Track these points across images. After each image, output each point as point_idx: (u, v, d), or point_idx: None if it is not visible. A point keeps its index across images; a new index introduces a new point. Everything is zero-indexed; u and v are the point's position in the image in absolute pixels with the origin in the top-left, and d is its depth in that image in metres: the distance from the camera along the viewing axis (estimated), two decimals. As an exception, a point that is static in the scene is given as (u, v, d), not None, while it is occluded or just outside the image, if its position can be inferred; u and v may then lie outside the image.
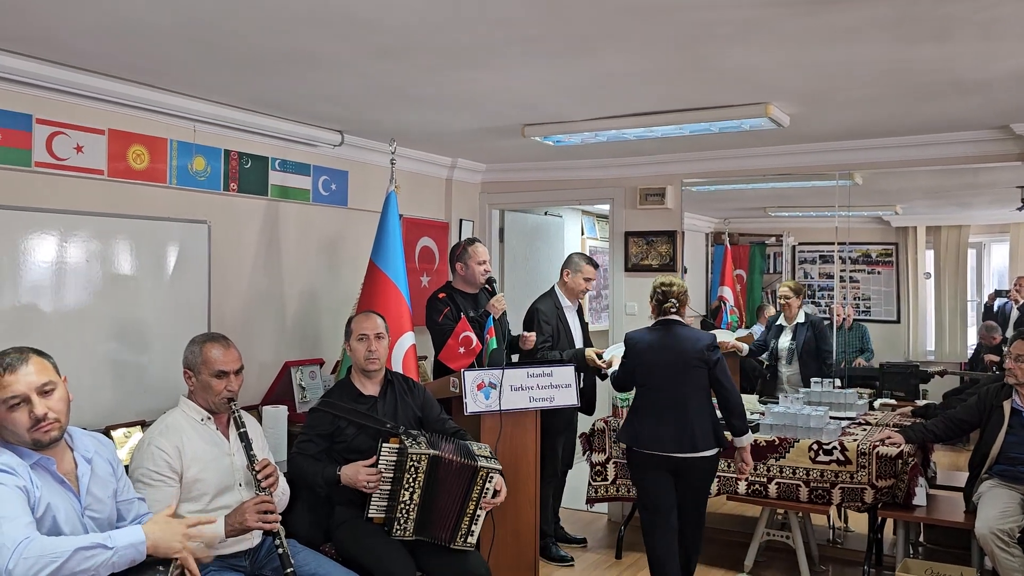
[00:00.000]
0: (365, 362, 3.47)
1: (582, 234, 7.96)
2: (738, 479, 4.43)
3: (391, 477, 3.21)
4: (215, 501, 2.88)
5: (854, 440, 4.34)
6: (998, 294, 5.71)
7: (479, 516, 3.30)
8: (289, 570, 2.70)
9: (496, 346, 4.25)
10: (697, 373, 3.82)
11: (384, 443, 3.24)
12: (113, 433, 3.55)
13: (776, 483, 4.43)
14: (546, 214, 7.04)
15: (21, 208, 3.48)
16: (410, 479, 3.20)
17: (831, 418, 4.65)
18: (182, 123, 4.10)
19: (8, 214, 3.43)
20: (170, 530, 2.14)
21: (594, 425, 4.98)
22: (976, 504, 3.96)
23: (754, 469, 4.45)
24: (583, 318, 5.12)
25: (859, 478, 4.25)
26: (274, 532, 2.75)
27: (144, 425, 3.63)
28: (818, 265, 6.07)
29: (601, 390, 5.14)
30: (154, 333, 3.99)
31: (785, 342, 5.63)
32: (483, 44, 3.14)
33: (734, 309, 6.33)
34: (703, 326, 5.97)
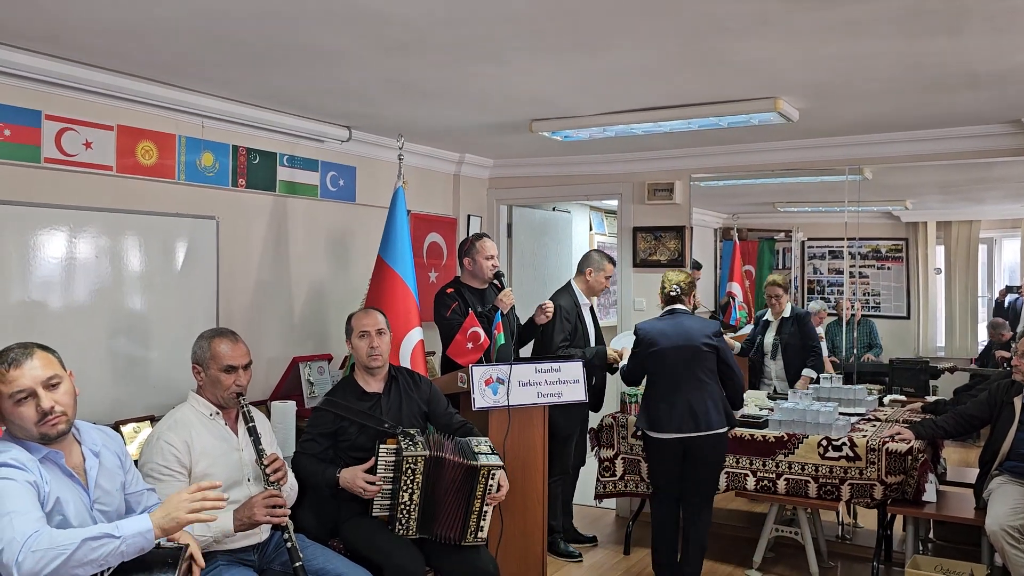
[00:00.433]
0: (368, 359, 3.47)
1: (590, 230, 7.94)
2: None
3: (390, 477, 3.22)
4: (224, 496, 2.88)
5: (863, 436, 4.33)
6: (1009, 290, 5.67)
7: (486, 512, 3.30)
8: (298, 563, 2.71)
9: (504, 341, 4.24)
10: (706, 357, 4.08)
11: (381, 444, 3.24)
12: (122, 428, 3.56)
13: (785, 479, 4.41)
14: (554, 209, 7.03)
15: (30, 204, 3.49)
16: (408, 480, 3.20)
17: (840, 414, 4.63)
18: (190, 119, 4.11)
19: (18, 210, 3.44)
20: (173, 504, 2.13)
21: (602, 421, 4.98)
22: (986, 500, 3.95)
23: (763, 465, 4.45)
24: (595, 315, 5.12)
25: (868, 474, 4.24)
26: (283, 526, 2.76)
27: (153, 420, 3.64)
28: (827, 261, 6.04)
29: (609, 385, 5.13)
30: (163, 328, 4.00)
31: (770, 337, 5.61)
32: (492, 39, 3.13)
33: (743, 305, 6.31)
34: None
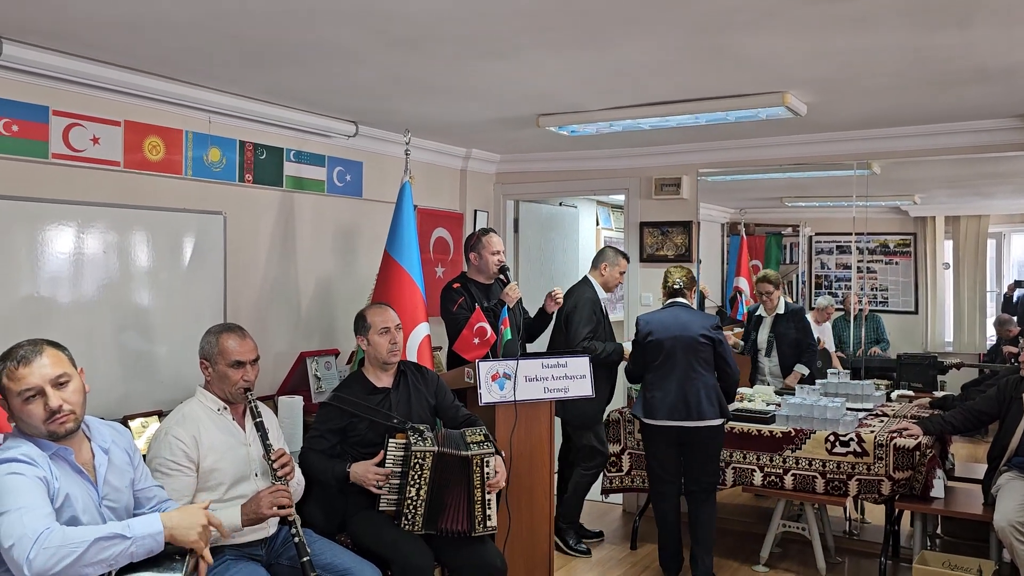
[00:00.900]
0: (388, 355, 3.47)
1: (597, 224, 7.93)
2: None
3: (398, 472, 3.22)
4: (231, 491, 2.89)
5: (871, 432, 4.32)
6: (1018, 284, 5.64)
7: (490, 500, 3.31)
8: (306, 558, 2.71)
9: (510, 337, 4.25)
10: (702, 349, 4.19)
11: (390, 439, 3.25)
12: (130, 423, 3.57)
13: (792, 474, 4.41)
14: (561, 204, 7.02)
15: (38, 200, 3.50)
16: (415, 475, 3.21)
17: (848, 409, 4.62)
18: (197, 114, 4.11)
19: (26, 205, 3.45)
20: (188, 521, 2.15)
21: (608, 416, 4.97)
22: (995, 496, 3.93)
23: (770, 460, 4.45)
24: (606, 311, 5.13)
25: (876, 470, 4.23)
26: (290, 521, 2.77)
27: (161, 415, 3.66)
28: (835, 256, 6.02)
29: (618, 380, 5.13)
30: (170, 324, 4.01)
31: (764, 333, 5.59)
32: (498, 34, 3.13)
33: (750, 300, 6.29)
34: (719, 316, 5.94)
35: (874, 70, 3.62)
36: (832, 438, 4.33)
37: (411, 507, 3.21)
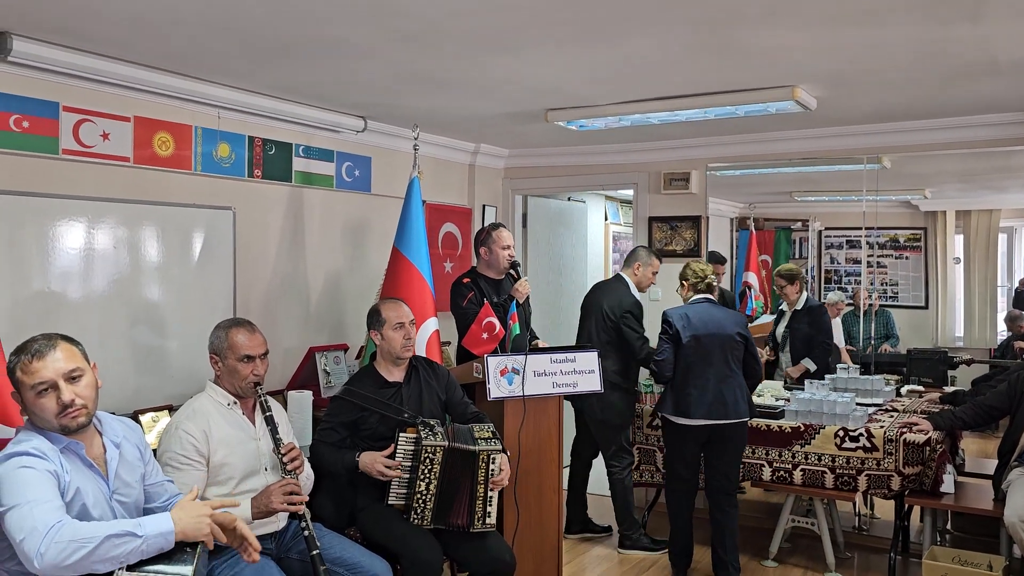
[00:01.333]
0: (402, 350, 3.47)
1: (605, 219, 7.92)
2: None
3: (409, 466, 3.23)
4: (241, 485, 2.90)
5: (881, 427, 4.30)
6: (1029, 279, 5.61)
7: (491, 497, 3.31)
8: (315, 552, 2.72)
9: (519, 332, 4.25)
10: (736, 347, 4.13)
11: (401, 432, 3.26)
12: (141, 417, 3.59)
13: (801, 469, 4.40)
14: (569, 199, 7.01)
15: (49, 195, 3.52)
16: (425, 470, 3.21)
17: (857, 404, 4.61)
18: (207, 110, 4.12)
19: (37, 201, 3.47)
20: (196, 515, 2.16)
21: (617, 411, 4.96)
22: (1005, 492, 3.91)
23: (779, 455, 4.44)
24: None
25: (886, 465, 4.22)
26: (300, 515, 2.78)
27: (171, 410, 3.67)
28: (845, 250, 5.99)
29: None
30: (180, 319, 4.02)
31: (781, 328, 5.57)
32: (507, 29, 3.12)
33: (759, 295, 6.27)
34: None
35: (884, 64, 3.60)
36: (841, 433, 4.32)
37: (420, 501, 3.22)
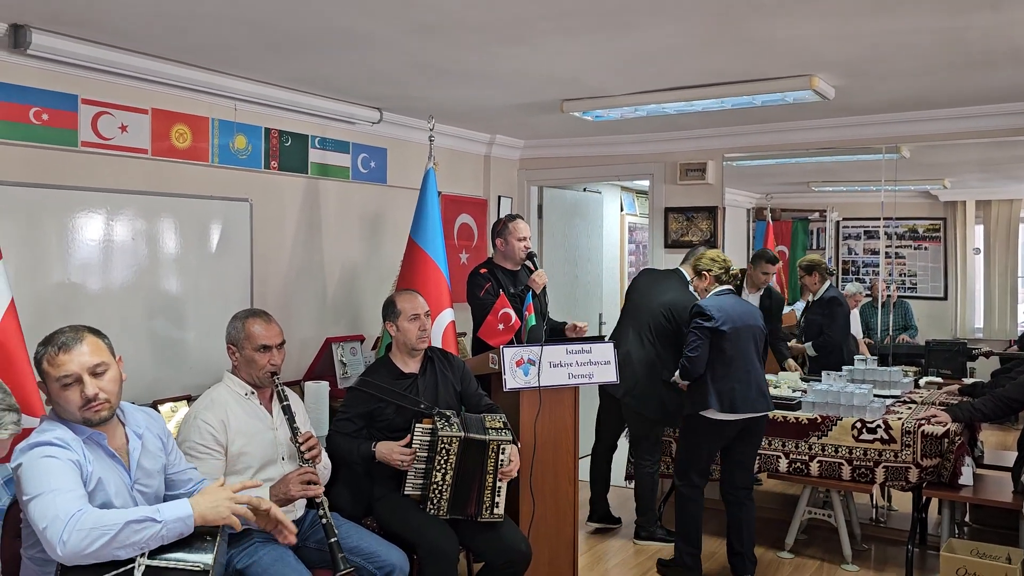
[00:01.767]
0: (417, 341, 3.48)
1: (621, 210, 7.90)
2: None
3: (425, 457, 3.24)
4: (259, 474, 2.93)
5: (899, 419, 4.28)
6: (1051, 270, 5.55)
7: (500, 488, 3.32)
8: (333, 539, 2.75)
9: (535, 323, 4.25)
10: (762, 339, 4.16)
11: (417, 423, 3.27)
12: (160, 407, 3.62)
13: (818, 461, 4.38)
14: (585, 190, 7.00)
15: (69, 187, 3.55)
16: (442, 460, 3.23)
17: (875, 396, 4.58)
18: (223, 102, 4.14)
19: (56, 193, 3.50)
20: (216, 499, 2.18)
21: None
22: (1025, 484, 3.89)
23: (795, 447, 4.43)
24: None
25: (903, 457, 4.19)
26: (318, 503, 2.80)
27: (190, 400, 3.70)
28: (863, 241, 5.95)
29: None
30: (198, 309, 4.05)
31: (800, 319, 5.57)
32: (521, 19, 3.11)
33: (776, 286, 6.24)
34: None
35: (904, 52, 3.57)
36: (859, 425, 4.30)
37: (436, 491, 3.23)
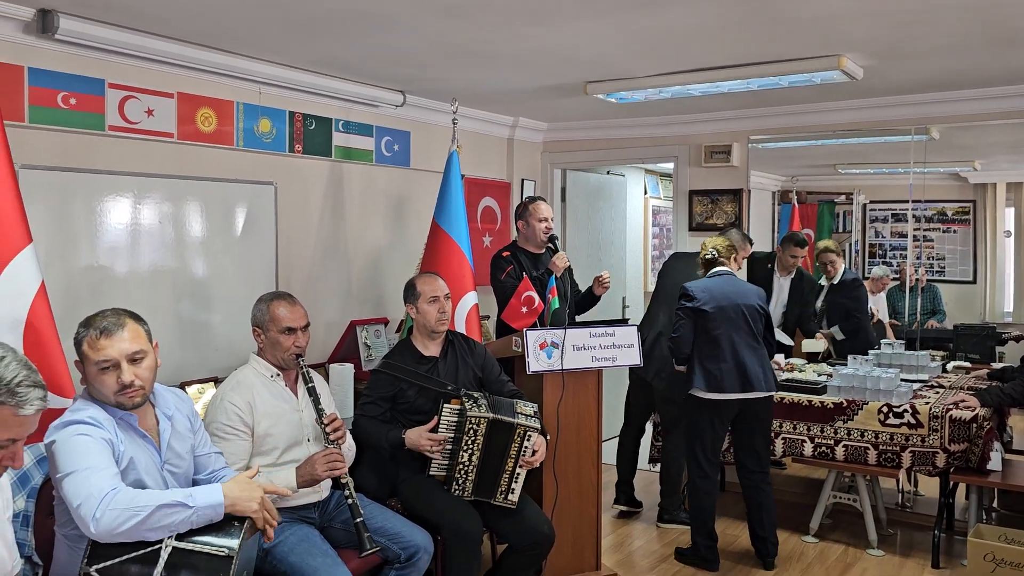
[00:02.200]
0: (436, 323, 3.49)
1: (645, 193, 7.85)
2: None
3: (451, 438, 3.26)
4: (285, 455, 2.96)
5: (926, 403, 4.23)
6: (1083, 253, 5.45)
7: (519, 474, 3.32)
8: (359, 519, 2.77)
9: (558, 306, 4.24)
10: (758, 319, 4.08)
11: (445, 404, 3.28)
12: (187, 389, 3.66)
13: (843, 445, 4.35)
14: (608, 173, 6.96)
15: (96, 171, 3.58)
16: (468, 441, 3.24)
17: (902, 380, 4.54)
18: (248, 85, 4.16)
19: (85, 177, 3.54)
20: (248, 492, 2.21)
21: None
22: (1055, 470, 3.84)
23: (821, 431, 4.40)
24: None
25: (931, 442, 4.15)
26: (343, 483, 2.83)
27: (216, 381, 3.74)
28: (890, 224, 5.88)
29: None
30: (224, 293, 4.09)
31: (819, 302, 5.50)
32: (546, 0, 3.09)
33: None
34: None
35: (934, 30, 3.50)
36: (885, 409, 4.26)
37: (462, 472, 3.25)
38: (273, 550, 2.77)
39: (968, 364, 5.20)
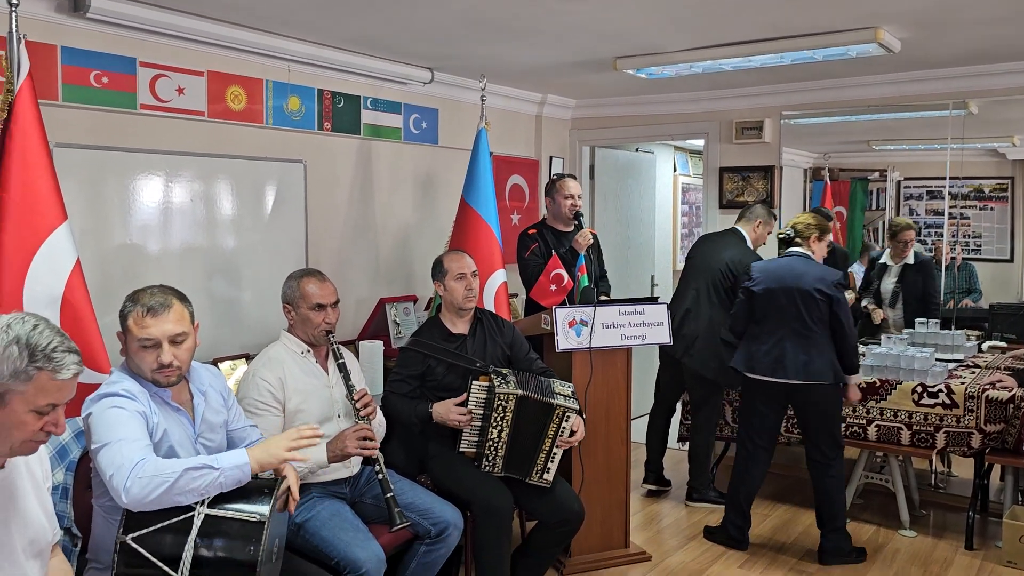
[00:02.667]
0: (464, 300, 3.49)
1: (674, 171, 7.78)
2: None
3: (480, 414, 3.26)
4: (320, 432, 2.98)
5: (961, 383, 4.17)
6: (1125, 230, 5.32)
7: (555, 454, 3.32)
8: (390, 495, 2.79)
9: (587, 283, 4.23)
10: (816, 305, 3.86)
11: (474, 380, 3.29)
12: (219, 365, 3.70)
13: (876, 425, 4.31)
14: (637, 150, 6.90)
15: (128, 150, 3.61)
16: (498, 417, 3.24)
17: (937, 360, 4.47)
18: (277, 63, 4.16)
19: (117, 155, 3.57)
20: (272, 442, 2.24)
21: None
22: (1094, 451, 3.77)
23: (853, 411, 4.35)
24: None
25: (966, 422, 4.09)
26: (374, 459, 2.84)
27: (248, 358, 3.78)
28: (925, 201, 5.76)
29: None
30: (255, 270, 4.12)
31: (889, 283, 5.39)
32: (576, -28, 3.05)
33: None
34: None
35: (974, 1, 3.41)
36: (919, 389, 4.21)
37: (492, 448, 3.26)
38: (305, 524, 2.80)
39: (1004, 344, 5.11)
